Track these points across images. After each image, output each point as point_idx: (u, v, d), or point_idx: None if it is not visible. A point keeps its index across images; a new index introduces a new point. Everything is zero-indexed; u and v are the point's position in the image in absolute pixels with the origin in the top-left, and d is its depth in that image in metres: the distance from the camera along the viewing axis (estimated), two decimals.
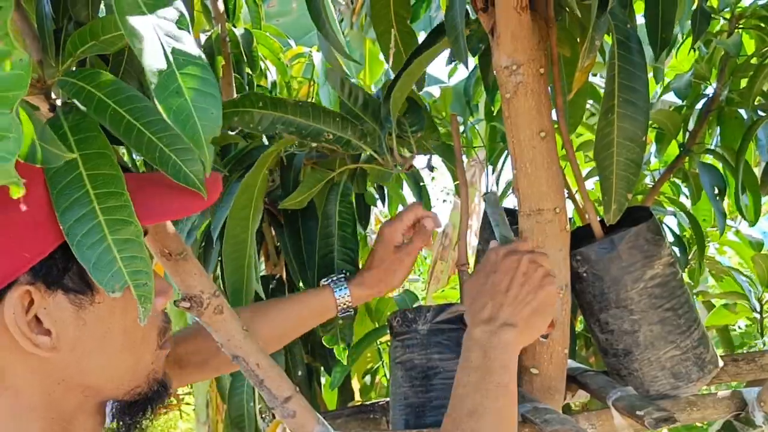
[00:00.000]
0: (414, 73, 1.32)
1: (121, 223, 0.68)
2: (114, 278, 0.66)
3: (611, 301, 1.24)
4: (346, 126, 1.37)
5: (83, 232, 0.67)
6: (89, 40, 0.78)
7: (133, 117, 0.72)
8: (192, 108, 0.64)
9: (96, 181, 0.69)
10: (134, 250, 0.67)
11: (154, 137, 0.72)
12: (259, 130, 1.33)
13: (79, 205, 0.68)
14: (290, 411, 1.08)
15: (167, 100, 0.63)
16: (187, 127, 0.64)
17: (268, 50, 2.38)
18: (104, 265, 0.66)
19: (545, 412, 1.15)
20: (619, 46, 1.09)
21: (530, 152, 1.19)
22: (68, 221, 0.68)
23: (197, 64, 0.63)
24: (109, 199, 0.68)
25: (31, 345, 0.70)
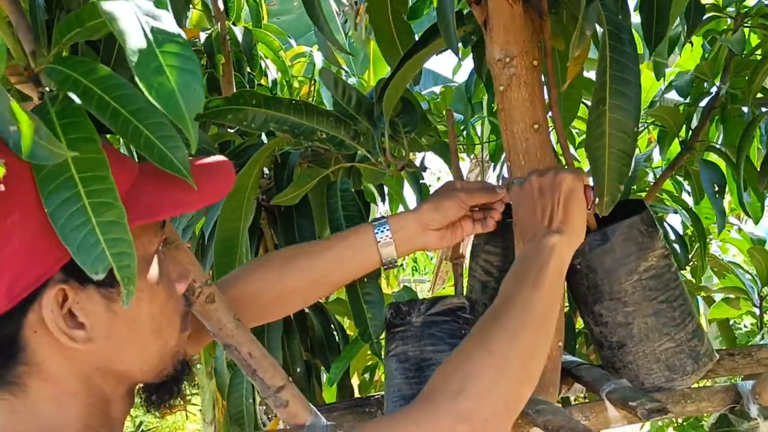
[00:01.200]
0: (408, 73, 1.32)
1: (106, 206, 0.68)
2: (97, 260, 0.66)
3: (605, 293, 1.24)
4: (339, 126, 1.37)
5: (67, 215, 0.67)
6: (75, 26, 0.79)
7: (119, 104, 0.72)
8: (174, 85, 0.64)
9: (81, 165, 0.69)
10: (118, 233, 0.67)
11: (140, 124, 0.72)
12: (253, 127, 1.33)
13: (64, 189, 0.68)
14: (283, 400, 1.08)
15: (148, 78, 0.63)
16: (170, 104, 0.64)
17: (269, 49, 2.39)
18: (88, 248, 0.66)
19: (538, 402, 1.15)
20: (611, 37, 1.09)
21: (523, 144, 1.20)
22: (53, 204, 0.68)
23: (177, 42, 0.64)
24: (94, 183, 0.69)
25: (68, 339, 0.73)
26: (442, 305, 1.26)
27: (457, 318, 1.25)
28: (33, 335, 0.73)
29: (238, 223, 1.37)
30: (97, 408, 0.78)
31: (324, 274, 1.16)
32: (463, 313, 1.26)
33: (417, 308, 1.27)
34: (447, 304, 1.26)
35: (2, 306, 0.70)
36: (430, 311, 1.26)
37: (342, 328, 2.05)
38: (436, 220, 1.17)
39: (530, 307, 0.94)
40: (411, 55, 1.31)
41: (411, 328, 1.26)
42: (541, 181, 1.10)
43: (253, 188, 1.39)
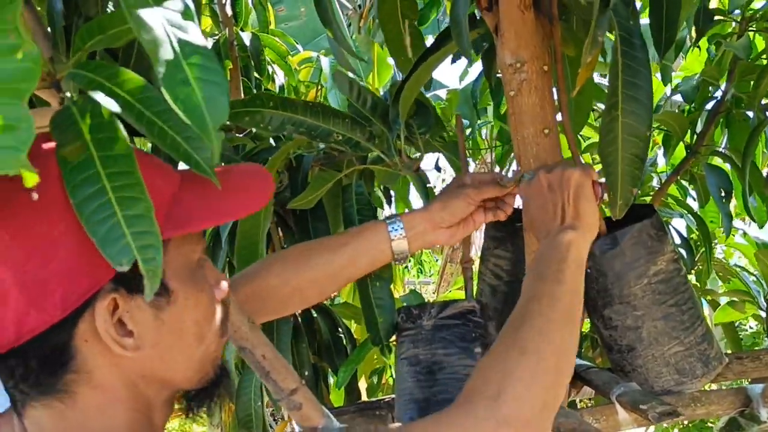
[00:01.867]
0: (422, 76, 1.33)
1: (132, 200, 0.68)
2: (122, 252, 0.66)
3: (614, 297, 1.25)
4: (355, 127, 1.38)
5: (93, 208, 0.67)
6: (96, 34, 0.80)
7: (144, 106, 0.73)
8: (199, 97, 0.64)
9: (107, 161, 0.70)
10: (144, 225, 0.67)
11: (166, 125, 0.72)
12: (269, 130, 1.34)
13: (89, 184, 0.68)
14: (296, 403, 1.09)
15: (174, 89, 0.64)
16: (195, 116, 0.65)
17: (276, 54, 2.40)
18: (113, 240, 0.66)
19: None
20: (622, 43, 1.10)
21: (534, 149, 1.20)
22: (79, 197, 0.68)
23: (203, 54, 0.64)
24: (120, 178, 0.69)
25: (119, 347, 0.74)
26: (452, 309, 1.27)
27: (467, 321, 1.26)
28: (84, 344, 0.74)
29: (257, 229, 1.38)
30: (142, 414, 0.79)
31: (340, 269, 1.17)
32: (474, 317, 1.26)
33: (428, 311, 1.28)
34: (458, 307, 1.27)
35: (57, 316, 0.70)
36: (441, 315, 1.27)
37: (349, 331, 2.05)
38: (446, 219, 1.18)
39: (556, 303, 0.94)
40: (425, 58, 1.32)
41: (422, 331, 1.27)
42: (550, 177, 1.10)
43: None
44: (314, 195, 1.43)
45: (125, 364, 0.76)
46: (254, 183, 0.84)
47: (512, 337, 0.91)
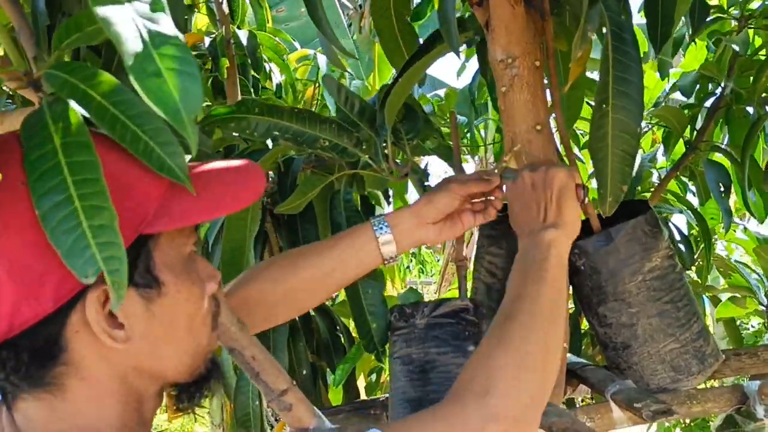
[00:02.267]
0: (411, 78, 1.32)
1: (97, 209, 0.67)
2: (87, 264, 0.66)
3: (609, 294, 1.24)
4: (342, 133, 1.37)
5: (59, 218, 0.67)
6: (74, 32, 0.78)
7: (118, 109, 0.71)
8: (172, 88, 0.63)
9: (74, 168, 0.69)
10: (108, 236, 0.67)
11: (139, 129, 0.71)
12: (256, 136, 1.34)
13: (56, 192, 0.68)
14: (286, 404, 1.08)
15: (145, 82, 0.63)
16: (168, 108, 0.64)
17: (273, 52, 2.39)
18: (78, 251, 0.66)
19: None
20: (613, 38, 1.09)
21: (526, 145, 1.20)
22: (44, 207, 0.67)
23: (174, 45, 0.63)
24: (86, 186, 0.68)
25: (109, 339, 0.74)
26: (445, 307, 1.26)
27: (461, 320, 1.25)
28: (75, 335, 0.74)
29: (243, 232, 1.37)
30: (132, 407, 0.79)
31: (328, 273, 1.16)
32: (467, 315, 1.26)
33: (421, 310, 1.27)
34: (451, 306, 1.26)
35: (49, 307, 0.71)
36: (434, 313, 1.26)
37: (347, 330, 2.05)
38: (431, 214, 1.16)
39: (538, 301, 0.96)
40: (414, 61, 1.31)
41: (415, 330, 1.26)
42: (533, 176, 1.10)
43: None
44: (303, 199, 1.42)
45: (115, 357, 0.76)
46: (246, 179, 0.83)
47: (498, 335, 0.93)
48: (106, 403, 0.77)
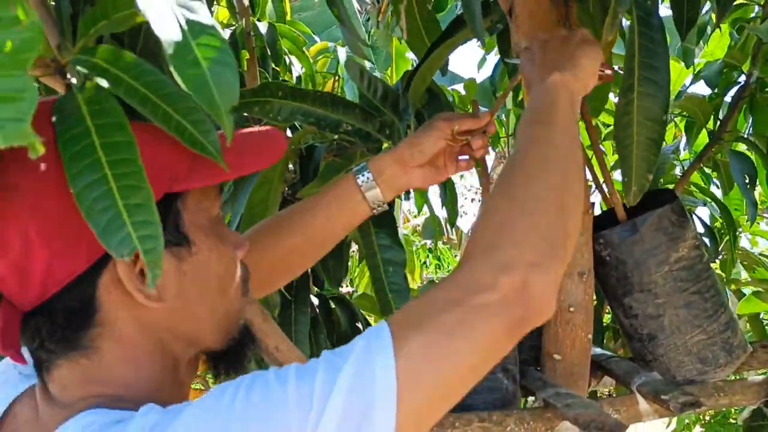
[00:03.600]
0: (434, 63, 1.31)
1: (133, 189, 0.67)
2: (122, 244, 0.65)
3: (635, 285, 1.22)
4: (365, 118, 1.36)
5: (93, 197, 0.67)
6: (101, 19, 0.78)
7: (148, 90, 0.71)
8: (209, 78, 0.63)
9: (108, 148, 0.69)
10: (145, 215, 0.66)
11: (170, 108, 0.71)
12: (279, 120, 1.33)
13: (90, 172, 0.68)
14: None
15: (184, 70, 0.63)
16: (206, 97, 0.64)
17: (293, 44, 2.38)
18: (114, 230, 0.66)
19: (568, 396, 1.14)
20: (640, 23, 1.07)
21: None
22: (78, 186, 0.67)
23: (212, 34, 0.63)
24: (121, 166, 0.68)
25: (142, 297, 0.73)
26: None
27: None
28: (107, 296, 0.73)
29: (263, 217, 1.36)
30: (168, 370, 0.78)
31: (316, 230, 1.13)
32: None
33: None
34: None
35: (82, 265, 0.71)
36: None
37: (368, 322, 2.04)
38: (415, 157, 1.11)
39: (549, 144, 0.86)
40: (437, 46, 1.30)
41: None
42: (548, 39, 1.01)
43: (278, 181, 1.39)
44: (324, 184, 1.41)
45: (149, 317, 0.75)
46: (269, 140, 0.83)
47: (505, 186, 0.84)
48: (141, 365, 0.76)
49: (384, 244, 1.37)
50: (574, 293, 1.23)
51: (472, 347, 0.70)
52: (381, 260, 1.36)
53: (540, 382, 1.24)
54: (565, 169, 0.84)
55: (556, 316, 1.25)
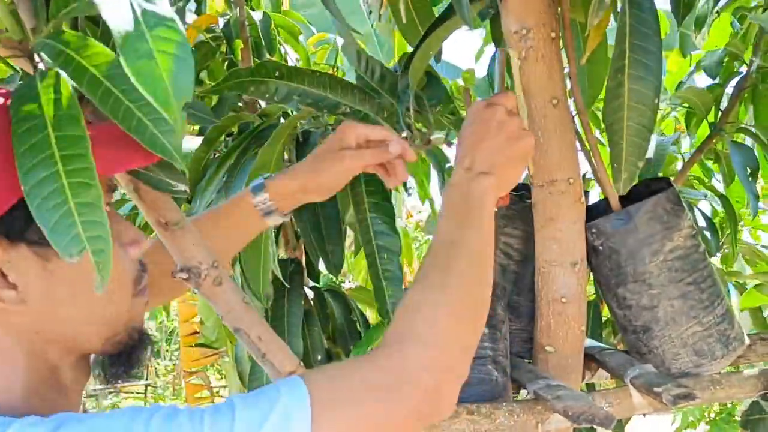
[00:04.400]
0: (432, 45, 1.28)
1: (84, 186, 0.65)
2: (72, 243, 0.63)
3: (628, 275, 1.19)
4: (363, 99, 1.33)
5: (45, 194, 0.65)
6: (72, 1, 0.76)
7: (112, 83, 0.69)
8: (162, 71, 0.61)
9: (63, 142, 0.67)
10: (94, 215, 0.64)
11: (133, 105, 0.68)
12: (276, 100, 1.31)
13: (44, 166, 0.66)
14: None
15: (136, 62, 0.60)
16: (158, 91, 0.61)
17: (289, 34, 2.36)
18: (63, 229, 0.64)
19: (558, 388, 1.11)
20: (630, 4, 1.04)
21: (541, 120, 1.15)
22: (30, 182, 0.65)
23: (169, 26, 0.61)
24: (74, 161, 0.66)
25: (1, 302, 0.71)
26: None
27: None
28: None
29: None
30: (42, 375, 0.75)
31: (219, 249, 1.08)
32: None
33: None
34: None
35: None
36: None
37: (363, 315, 2.01)
38: (315, 191, 1.11)
39: (474, 250, 0.91)
40: (435, 27, 1.27)
41: None
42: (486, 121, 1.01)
43: (276, 165, 1.36)
44: None
45: (14, 320, 0.73)
46: None
47: (438, 282, 0.87)
48: (12, 370, 0.73)
49: (379, 231, 1.36)
50: (566, 284, 1.20)
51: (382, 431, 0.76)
52: (376, 247, 1.35)
53: (531, 374, 1.21)
54: (483, 277, 0.90)
55: (549, 307, 1.22)
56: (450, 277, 0.87)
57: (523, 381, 1.22)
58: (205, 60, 2.31)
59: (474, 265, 0.89)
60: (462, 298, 0.86)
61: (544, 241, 1.20)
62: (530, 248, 1.31)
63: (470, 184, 0.96)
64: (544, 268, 1.21)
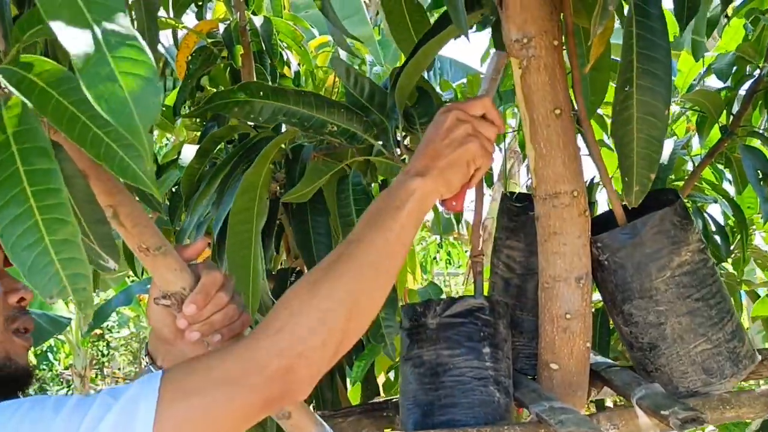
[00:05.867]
0: (422, 60, 1.24)
1: (59, 222, 0.62)
2: (51, 282, 0.61)
3: (635, 291, 1.15)
4: (351, 117, 1.30)
5: (19, 233, 0.62)
6: (36, 23, 0.72)
7: (77, 109, 0.65)
8: (126, 94, 0.57)
9: (34, 177, 0.64)
10: (72, 252, 0.62)
11: (100, 131, 0.65)
12: (260, 121, 1.28)
13: (15, 204, 0.63)
14: (285, 411, 1.01)
15: (97, 86, 0.56)
16: (122, 116, 0.57)
17: (290, 39, 2.32)
18: (40, 269, 0.61)
19: (561, 411, 1.07)
20: (637, 11, 1.00)
21: (545, 131, 1.11)
22: (4, 221, 0.62)
23: (132, 46, 0.57)
24: (47, 197, 0.63)
25: None
26: (459, 306, 1.18)
27: (475, 320, 1.17)
28: None
29: (249, 225, 1.30)
30: None
31: None
32: (483, 314, 1.18)
33: (433, 309, 1.19)
34: (465, 304, 1.18)
35: None
36: (447, 312, 1.18)
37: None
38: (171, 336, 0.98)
39: (371, 252, 0.90)
40: (425, 42, 1.23)
41: (426, 330, 1.19)
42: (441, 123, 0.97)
43: (264, 186, 1.32)
44: (310, 187, 1.35)
45: None
46: None
47: (315, 278, 0.88)
48: None
49: None
50: (570, 299, 1.16)
51: (230, 418, 0.80)
52: None
53: (534, 395, 1.17)
54: (373, 280, 0.90)
55: (553, 323, 1.18)
56: (330, 277, 0.88)
57: (525, 401, 1.18)
58: (206, 66, 2.28)
59: (364, 265, 0.89)
60: (331, 304, 0.86)
61: (548, 256, 1.16)
62: (533, 262, 1.27)
63: (399, 185, 0.94)
64: (547, 283, 1.17)
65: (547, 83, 1.10)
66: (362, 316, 0.91)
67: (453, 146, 0.96)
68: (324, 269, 0.89)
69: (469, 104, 1.01)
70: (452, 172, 0.96)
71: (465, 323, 1.17)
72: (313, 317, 0.85)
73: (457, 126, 0.97)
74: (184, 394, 0.78)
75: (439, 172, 0.95)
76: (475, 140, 0.98)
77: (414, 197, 0.92)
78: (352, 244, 0.91)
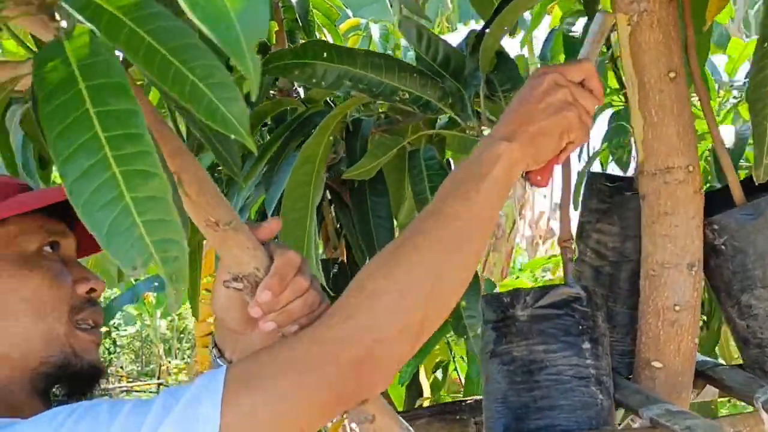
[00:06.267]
0: (507, 20, 1.12)
1: (143, 175, 0.51)
2: (134, 249, 0.49)
3: (757, 280, 1.03)
4: (425, 84, 1.19)
5: (92, 189, 0.50)
6: None
7: (156, 40, 0.54)
8: (228, 4, 0.47)
9: (108, 120, 0.52)
10: (160, 212, 0.50)
11: (184, 67, 0.53)
12: (323, 85, 1.16)
13: (87, 153, 0.51)
14: (368, 415, 0.88)
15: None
16: (222, 28, 0.47)
17: (325, 17, 2.20)
18: (121, 233, 0.50)
19: (684, 416, 0.94)
20: None
21: (657, 96, 0.99)
22: (72, 175, 0.51)
23: None
24: (126, 144, 0.52)
25: None
26: (553, 296, 1.05)
27: (572, 311, 1.04)
28: None
29: (306, 200, 1.18)
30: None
31: None
32: (580, 306, 1.04)
33: (522, 299, 1.06)
34: (559, 294, 1.05)
35: None
36: (539, 303, 1.04)
37: None
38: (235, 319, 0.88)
39: (453, 224, 0.82)
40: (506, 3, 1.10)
41: (516, 323, 1.05)
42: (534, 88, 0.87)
43: (322, 160, 1.21)
44: (374, 164, 1.24)
45: None
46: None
47: (390, 254, 0.82)
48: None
49: None
50: (681, 289, 1.03)
51: (300, 412, 0.75)
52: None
53: (640, 396, 1.04)
54: (458, 253, 0.82)
55: (658, 316, 1.05)
56: (409, 251, 0.81)
57: (630, 404, 1.05)
58: None
59: (446, 240, 0.81)
60: (411, 280, 0.79)
61: (656, 239, 1.03)
62: (627, 248, 1.15)
63: (483, 150, 0.86)
64: (654, 270, 1.04)
65: (660, 42, 0.97)
66: (445, 298, 0.83)
67: (548, 112, 0.87)
68: (399, 246, 0.82)
69: (568, 68, 0.90)
70: (543, 141, 0.88)
71: (561, 315, 1.03)
72: (390, 299, 0.78)
73: (555, 90, 0.87)
74: (247, 387, 0.72)
75: (530, 138, 0.86)
76: (573, 109, 0.87)
77: (500, 164, 0.84)
78: (430, 217, 0.83)
